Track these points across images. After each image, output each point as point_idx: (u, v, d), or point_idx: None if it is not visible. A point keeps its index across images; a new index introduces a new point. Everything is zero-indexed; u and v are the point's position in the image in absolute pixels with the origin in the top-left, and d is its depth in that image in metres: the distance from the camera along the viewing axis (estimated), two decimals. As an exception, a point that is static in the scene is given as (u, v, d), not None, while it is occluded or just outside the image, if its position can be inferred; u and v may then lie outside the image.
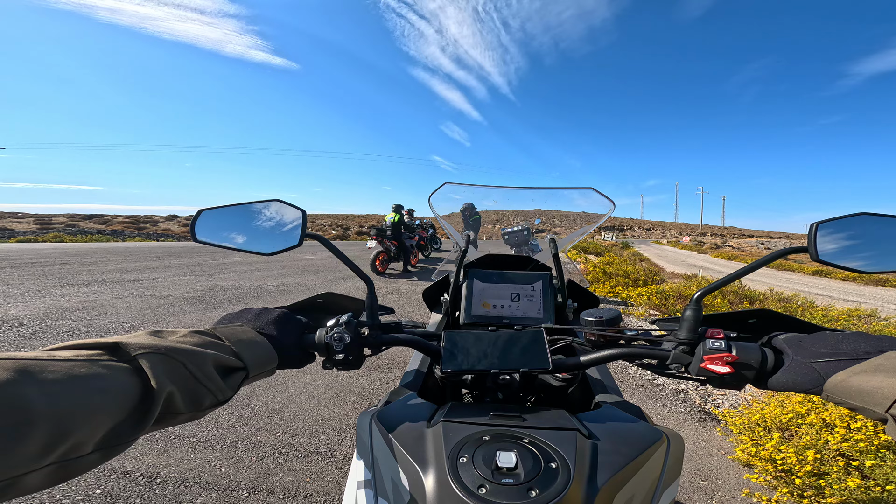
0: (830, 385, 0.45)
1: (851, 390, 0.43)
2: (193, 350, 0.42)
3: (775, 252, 0.55)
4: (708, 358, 0.52)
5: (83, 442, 0.30)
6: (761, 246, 42.88)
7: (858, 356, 0.45)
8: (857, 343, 0.47)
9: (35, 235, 17.61)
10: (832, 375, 0.45)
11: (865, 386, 0.41)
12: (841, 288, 10.47)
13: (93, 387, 0.32)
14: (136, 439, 0.36)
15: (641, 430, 0.51)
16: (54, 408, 0.28)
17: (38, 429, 0.27)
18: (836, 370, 0.45)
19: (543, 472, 0.41)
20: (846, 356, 0.46)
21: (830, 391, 0.45)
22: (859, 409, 0.43)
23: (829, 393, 0.45)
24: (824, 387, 0.45)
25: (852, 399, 0.43)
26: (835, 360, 0.46)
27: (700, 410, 2.65)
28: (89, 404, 0.31)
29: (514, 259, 1.11)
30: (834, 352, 0.47)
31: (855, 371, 0.43)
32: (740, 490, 1.82)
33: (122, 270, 7.24)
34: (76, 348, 0.35)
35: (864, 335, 0.48)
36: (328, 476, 1.85)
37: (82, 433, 0.30)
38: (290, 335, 0.58)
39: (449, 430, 0.48)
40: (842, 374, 0.44)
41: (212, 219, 0.63)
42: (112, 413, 0.33)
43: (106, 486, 1.69)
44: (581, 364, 0.62)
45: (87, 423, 0.30)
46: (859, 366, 0.44)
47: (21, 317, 3.97)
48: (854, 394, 0.42)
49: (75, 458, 0.30)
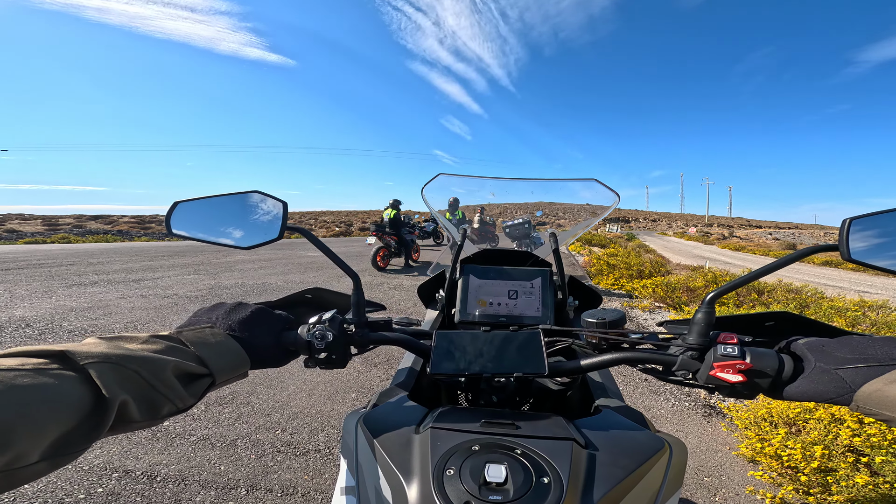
0: (863, 395, 0.41)
1: (888, 400, 0.39)
2: (150, 357, 0.40)
3: (803, 249, 0.51)
4: (718, 365, 0.48)
5: (27, 452, 0.30)
6: (769, 236, 42.22)
7: (891, 362, 0.41)
8: (887, 348, 0.43)
9: (43, 237, 17.89)
10: (865, 384, 0.41)
11: None
12: (851, 278, 10.29)
13: (37, 397, 0.31)
14: (89, 447, 0.35)
15: (642, 438, 0.49)
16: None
17: None
18: (867, 378, 0.41)
19: (534, 489, 0.39)
20: (877, 362, 0.41)
21: (863, 401, 0.41)
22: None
23: (860, 403, 0.41)
24: (855, 396, 0.41)
25: (889, 410, 0.39)
26: (864, 367, 0.42)
27: (705, 405, 2.61)
28: (33, 415, 0.30)
29: (513, 254, 1.07)
30: (862, 357, 0.43)
31: (891, 379, 0.39)
32: (744, 487, 1.79)
33: (128, 270, 7.32)
34: (22, 356, 0.34)
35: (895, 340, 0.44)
36: (326, 474, 1.85)
37: (26, 443, 0.30)
38: (265, 334, 0.55)
39: (437, 438, 0.46)
40: (876, 383, 0.40)
41: (188, 211, 0.61)
42: (60, 422, 0.32)
43: (107, 485, 1.71)
44: (580, 369, 0.59)
45: (30, 434, 0.30)
46: (894, 373, 0.39)
47: (28, 318, 4.02)
48: (892, 404, 0.38)
49: (20, 468, 0.30)
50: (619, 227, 49.22)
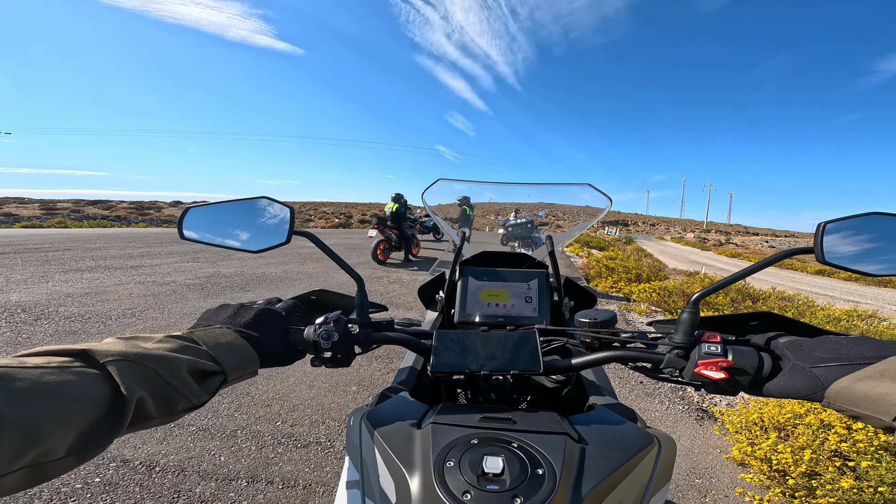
0: (833, 392, 0.43)
1: (855, 397, 0.41)
2: (166, 356, 0.42)
3: (780, 253, 0.52)
4: (703, 363, 0.50)
5: (55, 447, 0.31)
6: (765, 244, 42.59)
7: (862, 361, 0.43)
8: (860, 347, 0.45)
9: (39, 221, 17.70)
10: (834, 382, 0.43)
11: (871, 393, 0.39)
12: (843, 288, 10.43)
13: (62, 393, 0.32)
14: (111, 443, 0.36)
15: (632, 433, 0.51)
16: (23, 415, 0.29)
17: (7, 435, 0.28)
18: (838, 376, 0.43)
19: (530, 479, 0.41)
20: (849, 361, 0.44)
21: (832, 398, 0.43)
22: (863, 417, 0.41)
23: (830, 400, 0.43)
24: (826, 393, 0.43)
25: (856, 406, 0.41)
26: (836, 366, 0.44)
27: (698, 408, 2.66)
28: (59, 411, 0.31)
29: (511, 256, 1.10)
30: (836, 356, 0.45)
31: (859, 377, 0.41)
32: (734, 489, 1.84)
33: (126, 256, 7.28)
34: (47, 355, 0.36)
35: (868, 339, 0.46)
36: (327, 466, 1.87)
37: (53, 438, 0.31)
38: (272, 334, 0.58)
39: (438, 433, 0.48)
40: (845, 381, 0.42)
41: (199, 216, 0.62)
42: (83, 419, 0.33)
43: (105, 475, 1.71)
44: (573, 367, 0.61)
45: (57, 429, 0.31)
46: (863, 371, 0.42)
47: (23, 303, 4.00)
48: (858, 401, 0.40)
49: (48, 462, 0.31)
50: (618, 230, 49.43)
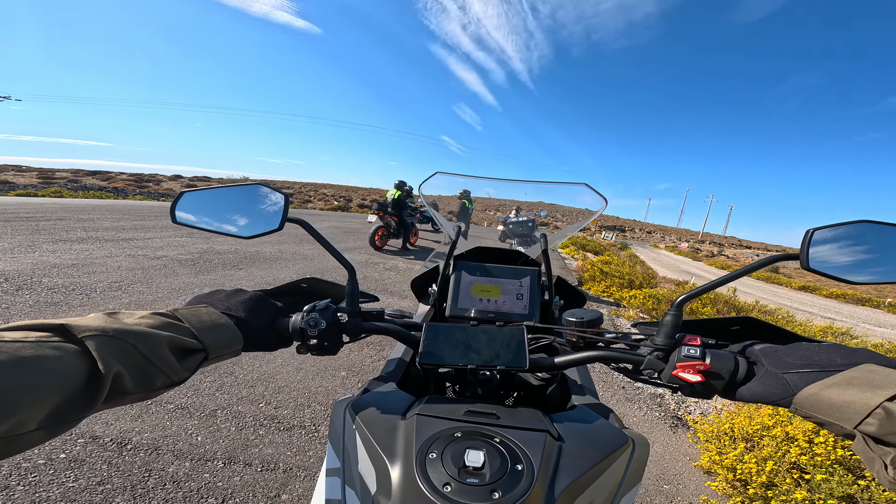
0: (800, 398, 0.43)
1: (821, 404, 0.41)
2: (146, 332, 0.42)
3: (766, 258, 0.53)
4: (681, 366, 0.51)
5: (26, 420, 0.32)
6: (756, 257, 43.12)
7: (832, 368, 0.43)
8: (831, 355, 0.45)
9: (35, 189, 17.37)
10: (803, 388, 0.43)
11: (836, 400, 0.39)
12: (822, 305, 10.64)
13: (37, 367, 0.33)
14: (85, 416, 0.37)
15: (608, 433, 0.52)
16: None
17: None
18: (807, 382, 0.43)
19: (509, 474, 0.42)
20: (819, 368, 0.44)
21: (799, 404, 0.43)
22: (827, 423, 0.41)
23: (797, 406, 0.43)
24: (794, 399, 0.43)
25: (821, 413, 0.41)
26: (806, 372, 0.44)
27: (673, 416, 2.72)
28: (32, 384, 0.32)
29: (505, 253, 1.11)
30: (807, 363, 0.45)
31: (827, 384, 0.41)
32: (699, 496, 1.89)
33: (118, 229, 7.18)
34: (25, 329, 0.36)
35: (839, 347, 0.46)
36: (311, 451, 1.85)
37: (26, 411, 0.31)
38: (259, 318, 0.58)
39: (422, 425, 0.49)
40: (813, 387, 0.42)
41: (193, 201, 0.63)
42: (57, 393, 0.34)
43: (71, 451, 1.64)
44: (556, 365, 0.63)
45: (29, 402, 0.32)
46: (831, 378, 0.42)
47: (6, 272, 3.92)
48: (824, 408, 0.41)
49: (18, 435, 0.32)
50: (615, 235, 49.62)
